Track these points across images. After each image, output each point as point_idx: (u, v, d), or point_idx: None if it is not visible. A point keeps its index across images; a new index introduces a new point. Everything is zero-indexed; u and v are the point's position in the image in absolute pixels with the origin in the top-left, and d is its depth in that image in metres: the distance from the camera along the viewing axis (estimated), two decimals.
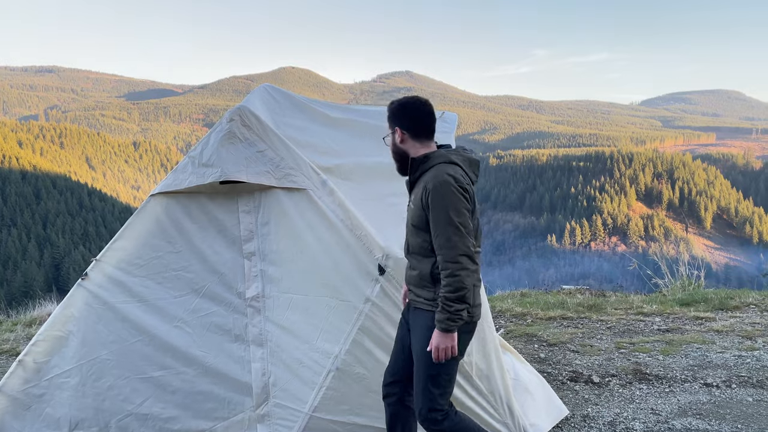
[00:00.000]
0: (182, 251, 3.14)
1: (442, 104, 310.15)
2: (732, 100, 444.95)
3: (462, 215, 2.53)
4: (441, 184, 2.54)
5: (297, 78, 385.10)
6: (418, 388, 2.67)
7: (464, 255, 2.50)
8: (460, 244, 2.50)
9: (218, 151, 3.04)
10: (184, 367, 3.15)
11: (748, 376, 4.66)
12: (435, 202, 2.54)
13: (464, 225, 2.52)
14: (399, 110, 2.78)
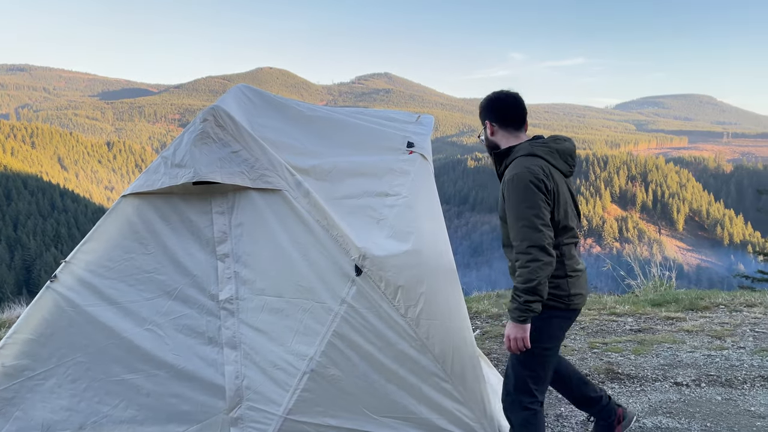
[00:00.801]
0: (154, 253, 3.10)
1: (420, 106, 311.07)
2: (704, 104, 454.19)
3: (535, 208, 2.57)
4: (515, 177, 2.61)
5: (275, 79, 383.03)
6: (509, 369, 2.84)
7: (535, 246, 2.54)
8: (532, 236, 2.55)
9: (191, 152, 3.01)
10: (157, 370, 3.11)
11: (717, 375, 4.76)
12: (509, 195, 2.63)
13: (538, 217, 2.57)
14: (487, 104, 2.91)
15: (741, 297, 7.49)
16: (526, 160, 2.69)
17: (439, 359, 3.08)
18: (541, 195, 2.60)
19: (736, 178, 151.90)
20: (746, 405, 4.19)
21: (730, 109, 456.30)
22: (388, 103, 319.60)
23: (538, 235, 2.55)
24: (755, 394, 4.40)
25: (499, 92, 2.94)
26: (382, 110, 4.05)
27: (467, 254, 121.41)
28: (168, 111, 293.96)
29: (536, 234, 2.55)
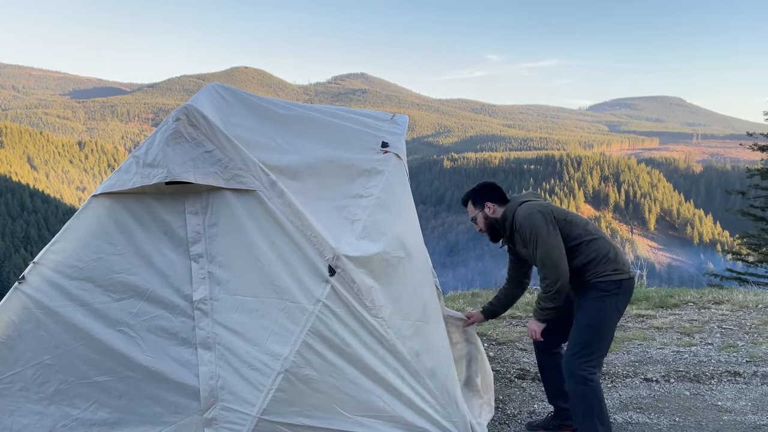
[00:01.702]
0: (125, 253, 3.06)
1: (397, 107, 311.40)
2: (674, 106, 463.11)
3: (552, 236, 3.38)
4: (530, 216, 3.38)
5: (250, 78, 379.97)
6: (574, 343, 3.35)
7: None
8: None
9: (164, 151, 2.98)
10: (129, 372, 3.07)
11: (686, 370, 4.87)
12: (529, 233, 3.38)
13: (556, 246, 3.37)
14: (484, 191, 3.66)
15: (709, 294, 7.67)
16: (528, 205, 3.43)
17: (411, 358, 3.10)
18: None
19: (706, 178, 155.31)
20: (713, 400, 4.30)
21: (699, 110, 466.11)
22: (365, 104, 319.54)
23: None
24: (722, 389, 4.51)
25: (486, 181, 3.73)
26: (358, 109, 4.05)
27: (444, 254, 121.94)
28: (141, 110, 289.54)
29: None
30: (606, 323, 3.35)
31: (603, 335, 3.36)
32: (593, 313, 3.32)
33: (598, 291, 3.32)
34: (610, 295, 3.32)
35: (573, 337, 3.39)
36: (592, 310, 3.33)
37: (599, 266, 3.34)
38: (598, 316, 3.32)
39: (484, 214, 3.61)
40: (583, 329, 3.34)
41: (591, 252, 3.36)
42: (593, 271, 3.34)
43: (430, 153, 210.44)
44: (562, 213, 3.46)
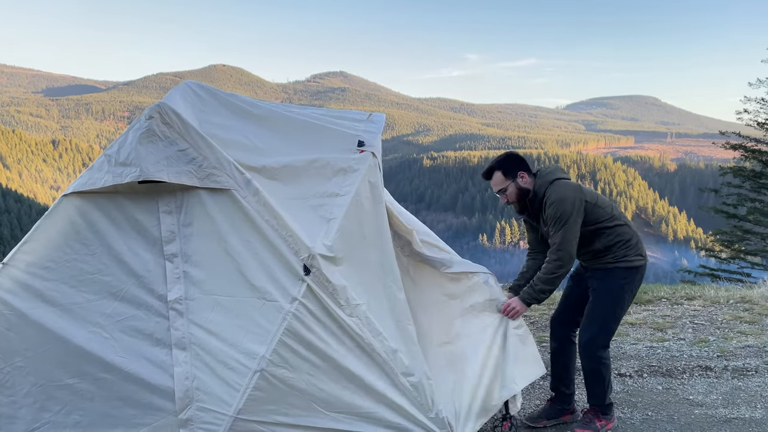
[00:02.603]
0: (98, 253, 3.02)
1: (376, 106, 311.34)
2: (649, 105, 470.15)
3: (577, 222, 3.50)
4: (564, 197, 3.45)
5: (228, 76, 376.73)
6: (592, 322, 3.55)
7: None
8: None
9: (137, 150, 2.94)
10: (102, 374, 3.03)
11: (659, 365, 4.96)
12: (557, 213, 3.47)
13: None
14: (518, 161, 3.65)
15: (682, 290, 7.81)
16: (563, 186, 3.51)
17: (388, 356, 3.11)
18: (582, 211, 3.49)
19: (680, 176, 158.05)
20: (685, 394, 4.39)
21: (673, 110, 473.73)
22: (344, 102, 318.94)
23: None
24: (694, 383, 4.60)
25: (511, 152, 3.72)
26: (334, 110, 4.04)
27: None
28: (117, 108, 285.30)
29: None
30: (622, 307, 3.60)
31: (618, 317, 3.62)
32: (612, 297, 3.54)
33: (618, 276, 3.53)
34: (629, 281, 3.54)
35: (591, 319, 3.59)
36: (611, 294, 3.54)
37: (620, 250, 3.53)
38: (616, 300, 3.55)
39: (517, 184, 3.59)
40: (602, 312, 3.56)
41: (614, 236, 3.53)
42: (614, 255, 3.52)
43: (409, 152, 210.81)
44: (591, 196, 3.54)
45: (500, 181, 3.61)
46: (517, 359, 3.58)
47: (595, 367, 3.59)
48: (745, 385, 4.51)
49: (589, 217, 3.49)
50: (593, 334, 3.56)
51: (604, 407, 3.71)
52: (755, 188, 22.03)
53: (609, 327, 3.60)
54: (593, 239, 3.53)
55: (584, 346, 3.58)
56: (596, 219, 3.52)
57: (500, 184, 3.62)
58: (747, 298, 7.36)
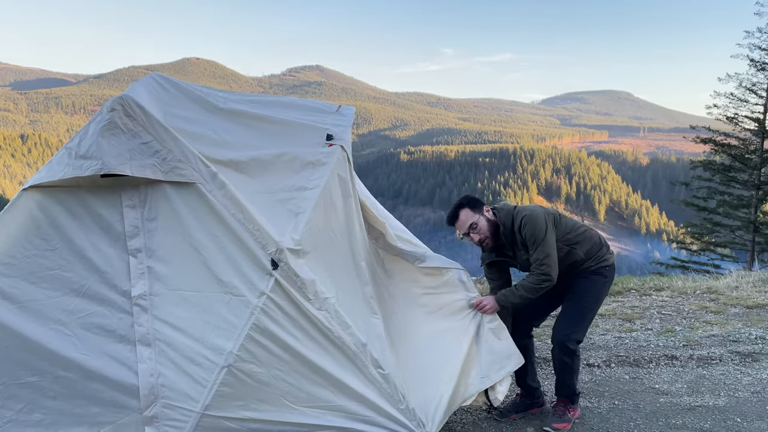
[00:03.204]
0: (59, 249, 2.95)
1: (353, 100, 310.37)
2: (622, 100, 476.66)
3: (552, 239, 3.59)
4: (534, 216, 3.54)
5: (202, 70, 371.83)
6: (573, 320, 3.64)
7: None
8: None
9: (98, 142, 2.88)
10: (64, 371, 2.97)
11: (626, 355, 5.05)
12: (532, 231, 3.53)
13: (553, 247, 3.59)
14: (476, 197, 3.72)
15: (650, 282, 7.96)
16: (529, 207, 3.62)
17: (358, 349, 3.11)
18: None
19: (652, 170, 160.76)
20: (651, 383, 4.47)
21: (646, 105, 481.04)
22: (321, 96, 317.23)
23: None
24: (660, 372, 4.70)
25: (470, 195, 3.81)
26: (304, 99, 4.01)
27: None
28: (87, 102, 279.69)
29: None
30: (599, 304, 3.78)
31: (594, 315, 3.79)
32: (593, 295, 3.68)
33: (600, 276, 3.68)
34: (608, 280, 3.74)
35: (569, 315, 3.68)
36: (592, 292, 3.67)
37: (598, 252, 3.69)
38: (595, 298, 3.71)
39: (486, 217, 3.65)
40: (581, 311, 3.67)
41: (589, 242, 3.68)
42: (595, 257, 3.67)
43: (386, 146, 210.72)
44: (554, 211, 3.70)
45: (469, 216, 3.64)
46: (491, 352, 3.61)
47: (569, 361, 3.68)
48: (709, 374, 4.61)
49: (560, 230, 3.60)
50: (572, 331, 3.64)
51: (573, 396, 3.78)
52: (724, 181, 22.53)
53: (586, 324, 3.74)
54: (573, 250, 3.63)
55: (562, 342, 3.65)
56: (569, 229, 3.64)
57: (470, 219, 3.64)
58: (713, 288, 7.53)
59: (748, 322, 5.99)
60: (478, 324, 3.66)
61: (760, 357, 4.93)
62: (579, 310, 3.68)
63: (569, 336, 3.64)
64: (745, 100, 22.62)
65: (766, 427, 3.65)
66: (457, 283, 3.76)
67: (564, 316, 3.71)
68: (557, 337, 3.68)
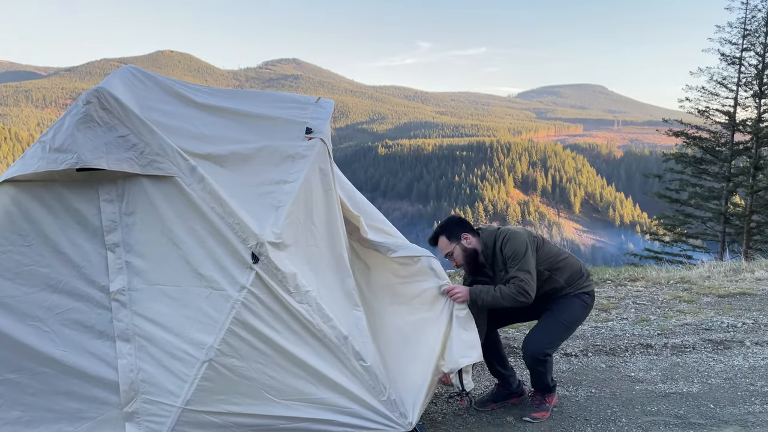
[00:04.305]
0: (34, 244, 2.90)
1: (330, 93, 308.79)
2: (597, 93, 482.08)
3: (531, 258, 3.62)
4: (514, 237, 3.60)
5: (176, 62, 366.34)
6: (548, 334, 3.67)
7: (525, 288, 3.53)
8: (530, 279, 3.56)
9: (74, 136, 2.83)
10: (42, 368, 2.94)
11: (603, 344, 5.14)
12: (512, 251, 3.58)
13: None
14: (460, 224, 3.78)
15: (625, 272, 8.10)
16: (511, 229, 3.68)
17: (339, 341, 3.12)
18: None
19: (626, 163, 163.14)
20: (627, 371, 4.56)
21: (620, 98, 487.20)
22: (297, 89, 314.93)
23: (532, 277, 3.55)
24: (635, 360, 4.79)
25: (454, 215, 3.89)
26: (282, 93, 3.98)
27: None
28: (59, 96, 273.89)
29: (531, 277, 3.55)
30: (576, 325, 3.82)
31: (569, 334, 3.84)
32: (570, 314, 3.72)
33: (580, 301, 3.74)
34: (587, 306, 3.80)
35: (547, 328, 3.71)
36: (570, 311, 3.71)
37: (578, 280, 3.76)
38: (573, 318, 3.74)
39: (462, 246, 3.70)
40: (560, 325, 3.70)
41: (569, 269, 3.73)
42: (575, 284, 3.74)
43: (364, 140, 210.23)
44: (538, 236, 3.77)
45: (445, 245, 3.74)
46: (459, 340, 3.64)
47: (542, 369, 3.71)
48: (683, 361, 4.72)
49: (542, 255, 3.64)
50: (545, 344, 3.67)
51: (549, 388, 3.84)
52: (696, 174, 22.99)
53: (560, 340, 3.82)
54: (554, 277, 3.68)
55: (534, 354, 3.65)
56: (550, 255, 3.68)
57: (446, 248, 3.75)
58: (686, 278, 7.70)
59: (720, 311, 6.13)
60: (450, 312, 3.69)
61: (731, 344, 5.06)
62: (555, 326, 3.70)
63: (542, 348, 3.64)
64: (716, 94, 23.09)
65: (738, 412, 3.76)
66: (428, 271, 3.78)
67: (539, 328, 3.73)
68: (530, 348, 3.67)
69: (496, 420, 3.74)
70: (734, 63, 22.63)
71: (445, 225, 3.80)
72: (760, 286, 7.22)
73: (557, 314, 3.71)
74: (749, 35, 22.29)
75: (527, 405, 3.86)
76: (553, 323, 3.70)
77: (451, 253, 3.74)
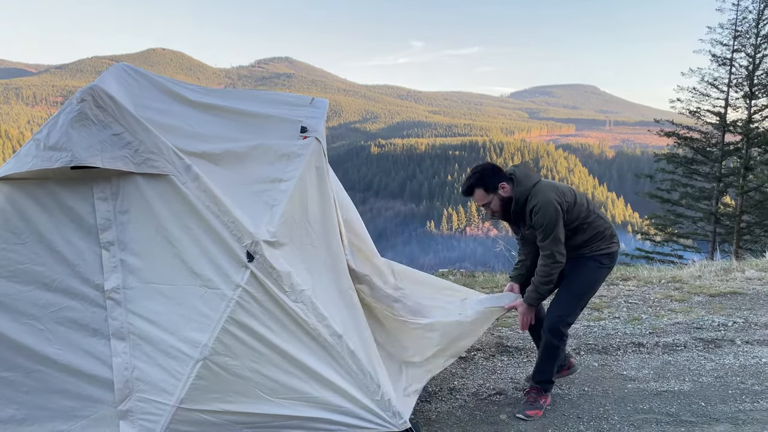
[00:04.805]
0: (29, 242, 2.90)
1: (323, 92, 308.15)
2: (589, 94, 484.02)
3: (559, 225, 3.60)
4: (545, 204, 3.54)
5: (168, 60, 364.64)
6: (566, 304, 3.71)
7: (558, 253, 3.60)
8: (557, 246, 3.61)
9: (68, 134, 2.82)
10: (37, 366, 2.94)
11: (595, 343, 5.16)
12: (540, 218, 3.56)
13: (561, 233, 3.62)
14: (495, 172, 3.68)
15: (617, 272, 8.13)
16: (544, 192, 3.59)
17: (333, 340, 3.12)
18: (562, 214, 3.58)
19: (618, 163, 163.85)
20: (619, 369, 4.59)
21: (612, 98, 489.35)
22: (290, 88, 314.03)
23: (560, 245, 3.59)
24: (627, 359, 4.82)
25: (485, 164, 3.73)
26: (276, 93, 3.98)
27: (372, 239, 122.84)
28: (49, 93, 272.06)
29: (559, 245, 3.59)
30: (593, 291, 3.83)
31: (587, 301, 3.85)
32: (586, 282, 3.74)
33: (596, 263, 3.73)
34: (604, 268, 3.77)
35: (562, 299, 3.74)
36: (586, 279, 3.73)
37: (597, 242, 3.74)
38: (589, 284, 3.76)
39: (500, 196, 3.68)
40: (575, 295, 3.73)
41: (591, 230, 3.71)
42: (592, 246, 3.73)
43: (357, 139, 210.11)
44: (569, 195, 3.67)
45: (482, 197, 3.69)
46: (456, 347, 3.79)
47: (555, 344, 3.74)
48: (674, 360, 4.75)
49: (568, 216, 3.63)
50: (562, 314, 3.71)
51: (546, 384, 3.88)
52: (687, 174, 23.14)
53: (576, 309, 3.81)
54: (573, 236, 3.68)
55: (551, 324, 3.71)
56: (575, 218, 3.66)
57: (483, 200, 3.70)
58: (677, 278, 7.74)
59: (711, 310, 6.18)
60: (455, 317, 3.78)
61: (722, 343, 5.10)
62: (572, 295, 3.74)
63: (561, 318, 3.70)
64: (707, 95, 23.23)
65: (728, 410, 3.79)
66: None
67: (557, 299, 3.78)
68: (549, 318, 3.74)
69: (490, 418, 3.76)
70: (725, 64, 22.78)
71: (481, 176, 3.68)
72: (750, 285, 7.28)
73: (572, 283, 3.74)
74: (740, 36, 22.45)
75: (521, 402, 3.88)
76: (569, 292, 3.74)
77: (488, 203, 3.71)
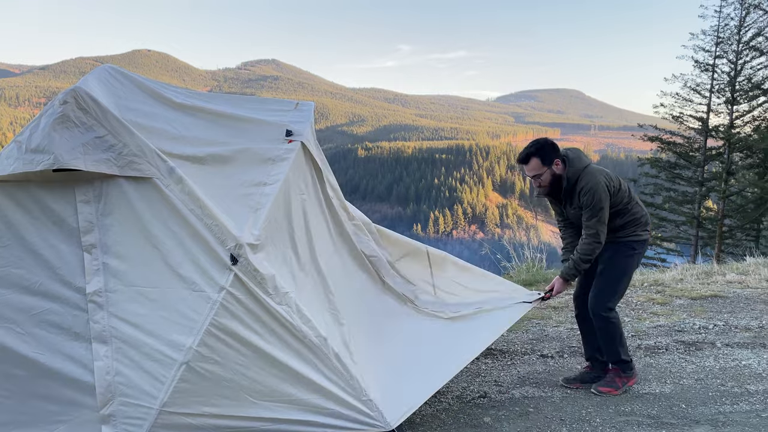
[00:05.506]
0: (9, 245, 2.87)
1: (309, 95, 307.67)
2: (574, 98, 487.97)
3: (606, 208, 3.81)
4: (596, 186, 3.73)
5: (153, 62, 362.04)
6: (603, 290, 3.92)
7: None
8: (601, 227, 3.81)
9: (50, 136, 2.80)
10: (17, 370, 2.91)
11: (578, 346, 5.20)
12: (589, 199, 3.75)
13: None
14: (553, 149, 3.82)
15: None
16: (594, 175, 3.78)
17: (319, 342, 3.12)
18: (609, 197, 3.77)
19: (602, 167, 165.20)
20: None
21: (596, 103, 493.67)
22: (277, 91, 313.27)
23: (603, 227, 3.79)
24: None
25: (545, 138, 3.89)
26: (261, 98, 3.99)
27: None
28: (32, 94, 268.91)
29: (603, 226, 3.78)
30: (628, 275, 4.01)
31: (625, 285, 4.04)
32: (622, 267, 3.94)
33: (629, 248, 3.94)
34: (638, 253, 4.00)
35: (599, 286, 3.95)
36: (621, 264, 3.94)
37: (631, 227, 3.93)
38: (625, 269, 3.96)
39: (552, 171, 3.82)
40: (609, 280, 3.94)
41: (629, 215, 3.92)
42: (628, 230, 3.92)
43: (344, 142, 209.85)
44: (615, 181, 3.87)
45: (537, 167, 3.81)
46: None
47: (603, 325, 3.93)
48: (656, 363, 4.80)
49: (613, 200, 3.82)
50: (600, 297, 3.92)
51: (623, 365, 4.05)
52: (670, 178, 23.43)
53: (614, 292, 3.97)
54: (613, 219, 3.86)
55: (592, 307, 3.95)
56: (618, 202, 3.85)
57: (536, 170, 3.82)
58: (659, 281, 7.83)
59: (692, 313, 6.26)
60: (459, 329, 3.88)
61: (703, 346, 5.17)
62: (608, 281, 3.94)
63: (598, 301, 3.91)
64: (689, 100, 23.55)
65: (709, 412, 3.84)
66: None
67: (595, 287, 3.98)
68: (591, 307, 3.95)
69: (474, 421, 3.78)
70: (707, 70, 23.12)
71: (541, 147, 3.82)
72: (731, 288, 7.38)
73: (608, 271, 3.93)
74: (722, 43, 22.80)
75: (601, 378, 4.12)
76: (605, 279, 3.94)
77: (539, 175, 3.82)
